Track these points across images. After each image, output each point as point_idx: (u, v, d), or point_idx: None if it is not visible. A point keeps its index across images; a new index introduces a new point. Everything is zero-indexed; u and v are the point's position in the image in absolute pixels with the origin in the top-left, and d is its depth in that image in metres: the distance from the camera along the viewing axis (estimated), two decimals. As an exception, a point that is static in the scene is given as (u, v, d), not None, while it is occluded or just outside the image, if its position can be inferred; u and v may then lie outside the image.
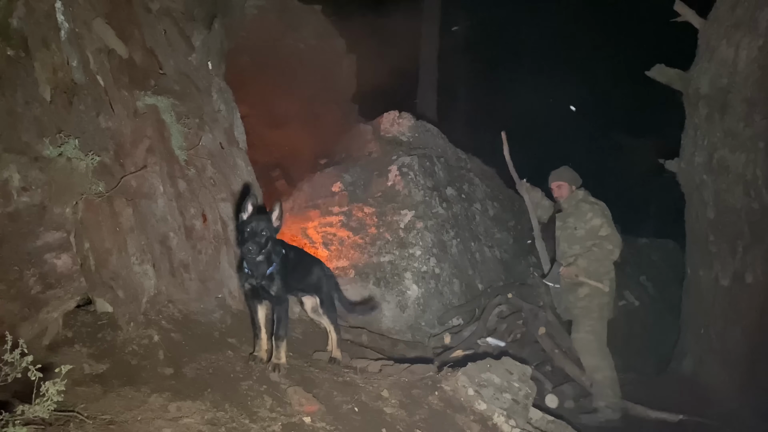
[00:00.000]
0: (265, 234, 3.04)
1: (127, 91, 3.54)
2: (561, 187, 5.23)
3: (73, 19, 3.27)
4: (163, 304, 3.36)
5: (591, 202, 5.03)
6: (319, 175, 6.73)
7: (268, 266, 3.13)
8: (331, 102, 9.35)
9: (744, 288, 5.18)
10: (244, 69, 7.28)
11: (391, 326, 5.44)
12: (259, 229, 3.03)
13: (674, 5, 5.75)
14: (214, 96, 4.38)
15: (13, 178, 2.91)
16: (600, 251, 4.85)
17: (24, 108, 3.04)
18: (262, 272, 3.12)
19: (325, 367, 3.54)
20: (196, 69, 4.19)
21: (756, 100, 5.07)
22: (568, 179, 5.21)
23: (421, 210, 6.05)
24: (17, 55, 3.07)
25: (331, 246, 5.87)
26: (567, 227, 5.12)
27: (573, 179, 5.22)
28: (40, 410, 1.95)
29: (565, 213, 5.16)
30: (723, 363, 5.27)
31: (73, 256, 2.98)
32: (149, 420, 2.39)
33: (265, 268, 3.13)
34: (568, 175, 5.24)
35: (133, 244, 3.26)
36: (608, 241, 4.85)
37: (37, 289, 2.80)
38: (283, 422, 2.63)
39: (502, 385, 3.46)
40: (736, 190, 5.23)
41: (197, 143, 3.93)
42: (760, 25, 5.04)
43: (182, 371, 2.89)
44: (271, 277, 3.14)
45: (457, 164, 7.40)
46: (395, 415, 3.05)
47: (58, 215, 2.99)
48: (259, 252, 3.03)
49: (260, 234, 3.03)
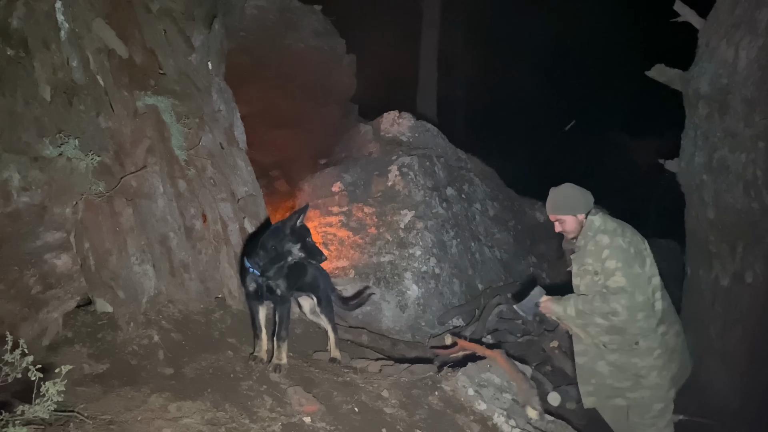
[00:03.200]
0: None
1: (127, 91, 3.54)
2: (564, 223, 3.45)
3: (73, 19, 3.28)
4: (163, 304, 3.37)
5: (610, 232, 3.28)
6: (319, 175, 6.73)
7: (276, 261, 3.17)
8: (331, 102, 9.34)
9: (744, 288, 5.17)
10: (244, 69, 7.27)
11: (391, 326, 5.44)
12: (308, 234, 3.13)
13: (674, 5, 5.75)
14: (214, 96, 4.38)
15: (13, 178, 2.92)
16: (601, 305, 3.15)
17: (24, 108, 3.04)
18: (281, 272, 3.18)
19: (325, 367, 3.54)
20: (196, 69, 4.19)
21: (756, 100, 5.06)
22: (569, 209, 3.44)
23: (421, 210, 6.05)
24: (17, 55, 3.08)
25: (331, 246, 5.87)
26: (587, 272, 3.35)
27: (577, 206, 3.43)
28: (40, 410, 1.95)
29: (582, 252, 3.38)
30: (723, 363, 5.27)
31: (73, 256, 2.98)
32: (149, 420, 2.39)
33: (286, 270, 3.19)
34: (569, 202, 3.45)
35: (133, 244, 3.27)
36: (615, 299, 3.11)
37: (37, 289, 2.80)
38: (283, 422, 2.64)
39: (502, 385, 3.47)
40: (736, 190, 5.23)
41: (197, 143, 3.93)
42: (760, 25, 5.04)
43: (182, 371, 2.89)
44: (279, 277, 3.17)
45: (457, 164, 7.40)
46: (395, 415, 3.05)
47: (58, 215, 2.99)
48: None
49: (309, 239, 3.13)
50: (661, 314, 3.22)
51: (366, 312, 5.48)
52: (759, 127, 5.04)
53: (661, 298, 3.24)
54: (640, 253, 3.20)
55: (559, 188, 3.50)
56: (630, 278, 3.11)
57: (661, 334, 3.22)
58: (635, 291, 3.10)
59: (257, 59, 7.81)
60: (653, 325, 3.19)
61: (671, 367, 3.28)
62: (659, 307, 3.22)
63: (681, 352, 3.36)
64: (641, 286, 3.13)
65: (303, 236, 3.07)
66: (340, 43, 9.55)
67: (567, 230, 3.47)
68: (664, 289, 3.34)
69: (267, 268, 3.11)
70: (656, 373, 3.21)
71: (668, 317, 3.27)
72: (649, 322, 3.17)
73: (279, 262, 3.10)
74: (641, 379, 3.24)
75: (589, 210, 3.41)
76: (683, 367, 3.39)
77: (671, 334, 3.27)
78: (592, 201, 3.45)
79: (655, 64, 5.97)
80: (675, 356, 3.29)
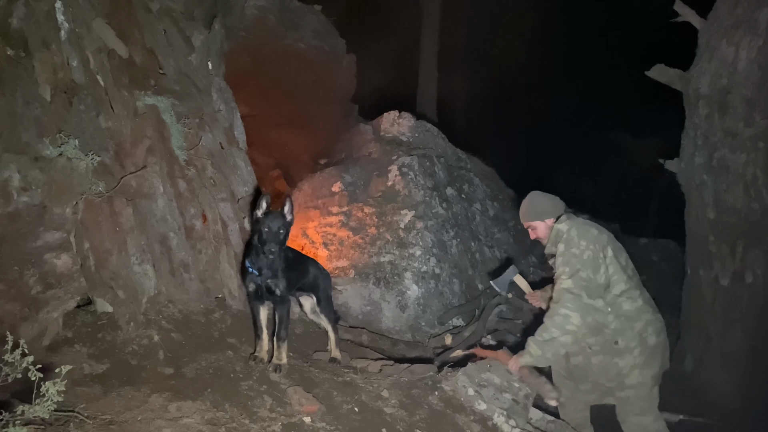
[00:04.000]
0: (282, 232, 3.04)
1: (127, 91, 3.54)
2: (536, 229, 3.56)
3: (73, 19, 3.28)
4: (163, 304, 3.37)
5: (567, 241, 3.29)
6: (319, 175, 6.73)
7: (279, 264, 3.15)
8: (331, 102, 9.34)
9: (744, 288, 5.18)
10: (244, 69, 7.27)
11: (391, 326, 5.44)
12: (277, 227, 3.02)
13: (674, 5, 5.75)
14: (214, 96, 4.38)
15: (13, 178, 2.92)
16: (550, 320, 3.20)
17: (24, 108, 3.04)
18: (275, 270, 3.12)
19: (325, 367, 3.55)
20: (196, 69, 4.19)
21: (756, 100, 5.07)
22: (537, 215, 3.53)
23: (421, 210, 6.05)
24: (17, 55, 3.08)
25: (331, 246, 5.87)
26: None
27: (543, 212, 3.52)
28: (41, 410, 1.95)
29: (555, 260, 3.41)
30: (723, 363, 5.27)
31: (73, 256, 2.98)
32: (149, 420, 2.39)
33: (278, 267, 3.14)
34: (536, 209, 3.55)
35: (133, 244, 3.27)
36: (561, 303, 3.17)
37: (37, 289, 2.80)
38: (283, 422, 2.64)
39: (502, 385, 3.47)
40: (736, 190, 5.23)
41: (197, 143, 3.93)
42: (760, 25, 5.04)
43: (182, 371, 2.89)
44: (277, 276, 3.16)
45: (457, 164, 7.40)
46: (395, 415, 3.05)
47: (58, 215, 2.99)
48: (279, 251, 3.03)
49: (278, 232, 3.02)
50: (633, 313, 3.26)
51: (366, 312, 5.49)
52: (759, 127, 5.05)
53: (629, 299, 3.26)
54: (594, 260, 3.22)
55: (528, 196, 3.64)
56: (576, 281, 3.16)
57: (638, 332, 3.26)
58: (582, 293, 3.15)
59: (257, 59, 7.81)
60: (625, 324, 3.25)
61: (653, 365, 3.30)
62: (627, 307, 3.25)
63: (662, 351, 3.37)
64: (590, 290, 3.17)
65: (259, 228, 3.04)
66: (340, 43, 9.54)
67: (540, 236, 3.57)
68: (641, 286, 3.37)
69: (262, 268, 3.11)
70: (638, 371, 3.26)
71: (644, 315, 3.29)
72: (620, 321, 3.24)
73: (258, 256, 3.09)
74: (624, 379, 3.29)
75: (558, 215, 3.48)
76: (664, 364, 3.41)
77: (650, 332, 3.28)
78: (562, 206, 3.53)
79: (655, 64, 5.98)
80: (656, 354, 3.31)
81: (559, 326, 3.16)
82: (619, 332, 3.25)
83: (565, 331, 3.16)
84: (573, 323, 3.14)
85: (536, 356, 3.25)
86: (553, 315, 3.20)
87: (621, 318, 3.25)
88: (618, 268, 3.27)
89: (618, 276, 3.26)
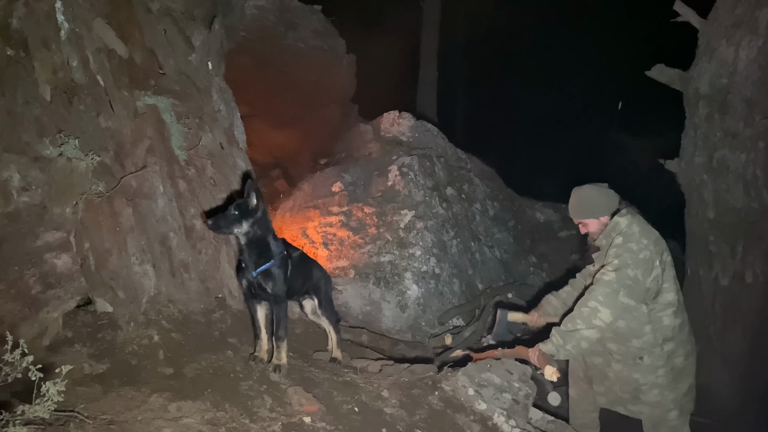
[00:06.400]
0: (236, 213, 3.02)
1: (127, 91, 3.54)
2: (587, 225, 3.35)
3: (73, 19, 3.27)
4: (163, 304, 3.36)
5: (628, 235, 3.08)
6: (319, 175, 6.73)
7: (260, 258, 3.11)
8: (331, 102, 9.35)
9: (744, 288, 5.18)
10: (244, 69, 7.28)
11: (391, 326, 5.44)
12: (231, 209, 3.04)
13: (674, 5, 5.75)
14: (214, 96, 4.38)
15: (13, 178, 2.92)
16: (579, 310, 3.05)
17: (24, 108, 3.04)
18: (253, 262, 3.09)
19: (325, 367, 3.55)
20: (196, 69, 4.19)
21: (756, 100, 5.07)
22: (590, 213, 3.30)
23: (421, 210, 6.05)
24: (17, 55, 3.08)
25: (331, 246, 5.87)
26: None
27: (597, 209, 3.27)
28: (41, 410, 1.95)
29: (603, 253, 3.24)
30: (723, 363, 5.27)
31: (73, 256, 2.98)
32: (149, 420, 2.39)
33: (256, 259, 3.10)
34: (589, 207, 3.29)
35: (133, 244, 3.27)
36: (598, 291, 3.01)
37: (37, 289, 2.80)
38: (283, 422, 2.64)
39: (502, 385, 3.46)
40: (736, 190, 5.24)
41: (197, 143, 3.93)
42: (760, 25, 5.05)
43: (182, 371, 2.89)
44: (267, 274, 3.11)
45: (457, 164, 7.40)
46: (395, 415, 3.05)
47: (58, 215, 2.99)
48: (219, 227, 3.02)
49: (230, 213, 3.03)
50: (669, 331, 3.11)
51: (366, 312, 5.49)
52: (759, 127, 5.05)
53: (672, 314, 3.12)
54: (649, 262, 3.02)
55: (580, 190, 3.33)
56: (620, 276, 2.97)
57: (668, 352, 3.11)
58: (620, 290, 2.96)
59: (257, 59, 7.83)
60: (659, 340, 3.09)
61: (678, 388, 3.16)
62: (667, 323, 3.11)
63: (689, 375, 3.22)
64: (632, 290, 2.98)
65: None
66: (340, 43, 9.56)
67: (591, 232, 3.36)
68: (683, 308, 3.22)
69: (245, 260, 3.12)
70: (658, 391, 3.14)
71: (679, 336, 3.15)
72: (654, 336, 3.07)
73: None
74: (640, 395, 3.19)
75: (613, 211, 3.24)
76: (691, 390, 3.27)
77: (680, 354, 3.15)
78: (617, 200, 3.28)
79: (655, 64, 5.98)
80: (683, 377, 3.18)
81: (585, 319, 2.98)
82: (647, 349, 3.09)
83: (591, 325, 2.97)
84: (601, 319, 2.96)
85: (557, 345, 3.05)
86: (582, 306, 3.04)
87: (657, 333, 3.08)
88: (671, 279, 3.12)
89: (669, 285, 3.11)
